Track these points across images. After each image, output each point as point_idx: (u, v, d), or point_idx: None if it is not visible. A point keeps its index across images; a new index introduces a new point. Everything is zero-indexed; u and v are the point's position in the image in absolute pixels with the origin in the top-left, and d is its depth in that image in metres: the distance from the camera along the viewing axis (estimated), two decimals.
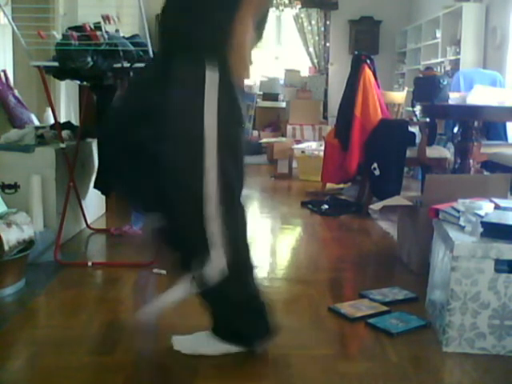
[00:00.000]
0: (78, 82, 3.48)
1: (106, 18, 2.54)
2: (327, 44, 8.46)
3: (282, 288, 2.48)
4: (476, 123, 3.59)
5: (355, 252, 3.10)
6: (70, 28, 2.65)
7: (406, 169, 4.91)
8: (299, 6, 7.84)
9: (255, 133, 7.79)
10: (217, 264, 1.70)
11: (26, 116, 3.87)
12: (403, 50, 8.04)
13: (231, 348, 1.84)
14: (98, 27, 2.60)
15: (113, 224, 3.48)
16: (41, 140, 3.08)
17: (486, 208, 2.04)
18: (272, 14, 7.69)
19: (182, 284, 1.78)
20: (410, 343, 1.93)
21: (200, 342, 1.88)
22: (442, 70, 6.22)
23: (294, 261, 2.97)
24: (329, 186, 4.79)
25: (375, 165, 3.91)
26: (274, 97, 8.08)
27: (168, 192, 1.72)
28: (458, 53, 5.99)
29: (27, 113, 3.92)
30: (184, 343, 1.90)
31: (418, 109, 4.51)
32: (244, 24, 1.70)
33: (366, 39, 8.30)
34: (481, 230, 1.90)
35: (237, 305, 1.80)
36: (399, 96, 4.87)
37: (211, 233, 1.69)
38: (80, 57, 2.56)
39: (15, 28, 2.66)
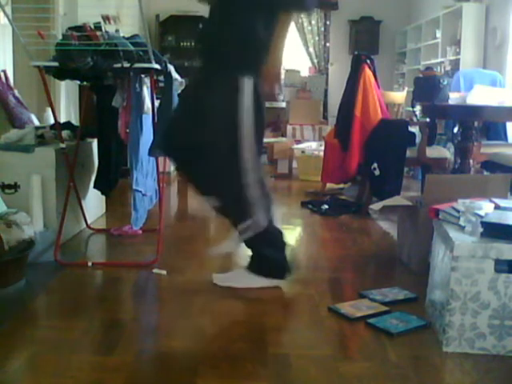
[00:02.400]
0: (78, 82, 3.49)
1: (106, 18, 2.54)
2: (327, 44, 8.46)
3: (281, 288, 2.47)
4: (476, 123, 3.59)
5: (355, 252, 3.10)
6: (69, 28, 2.65)
7: (406, 169, 4.91)
8: None
9: None
10: (261, 219, 2.30)
11: (26, 116, 3.87)
12: (403, 49, 8.04)
13: (262, 282, 2.41)
14: (98, 27, 2.60)
15: (113, 224, 3.48)
16: (41, 140, 3.08)
17: (485, 208, 2.04)
18: None
19: (230, 240, 2.44)
20: (410, 343, 1.93)
21: (234, 278, 2.46)
22: (442, 69, 6.21)
23: (293, 261, 2.96)
24: (329, 186, 4.79)
25: (375, 165, 3.91)
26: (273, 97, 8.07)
27: (218, 173, 2.30)
28: (458, 53, 5.99)
29: (27, 113, 3.92)
30: (220, 277, 2.47)
31: (417, 109, 4.51)
32: (280, 42, 2.28)
33: (365, 39, 8.29)
34: (481, 230, 1.90)
35: (273, 245, 2.42)
36: (399, 96, 4.87)
37: (252, 197, 2.27)
38: (80, 57, 2.56)
39: (15, 28, 2.66)
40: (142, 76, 2.90)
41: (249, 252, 2.48)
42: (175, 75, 2.93)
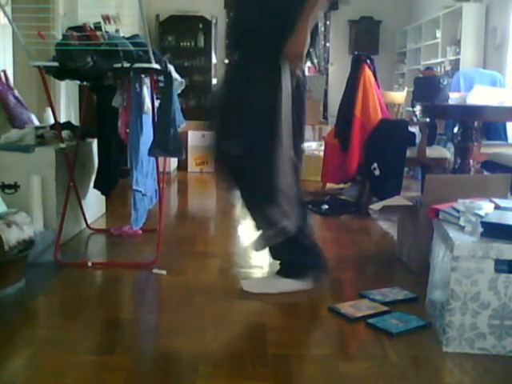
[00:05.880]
0: (78, 82, 3.48)
1: (106, 18, 2.54)
2: (327, 44, 8.46)
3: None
4: (476, 123, 3.59)
5: (355, 252, 3.10)
6: (69, 28, 2.65)
7: (406, 169, 4.91)
8: None
9: None
10: (293, 221, 2.22)
11: (26, 116, 3.87)
12: (403, 49, 8.04)
13: (293, 285, 2.36)
14: (98, 27, 2.60)
15: (113, 224, 3.48)
16: (41, 140, 3.08)
17: (485, 208, 2.04)
18: None
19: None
20: (410, 343, 1.93)
21: (266, 284, 2.39)
22: (442, 69, 6.22)
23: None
24: (329, 186, 4.79)
25: (375, 165, 3.91)
26: None
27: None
28: (458, 53, 5.99)
29: (27, 113, 3.92)
30: (252, 285, 2.39)
31: (417, 109, 4.51)
32: (305, 31, 2.17)
33: (366, 39, 8.29)
34: (481, 230, 1.90)
35: (303, 248, 2.34)
36: (399, 96, 4.87)
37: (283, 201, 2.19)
38: (80, 57, 2.56)
39: (15, 28, 2.66)
40: (142, 76, 2.90)
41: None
42: (175, 75, 2.92)
